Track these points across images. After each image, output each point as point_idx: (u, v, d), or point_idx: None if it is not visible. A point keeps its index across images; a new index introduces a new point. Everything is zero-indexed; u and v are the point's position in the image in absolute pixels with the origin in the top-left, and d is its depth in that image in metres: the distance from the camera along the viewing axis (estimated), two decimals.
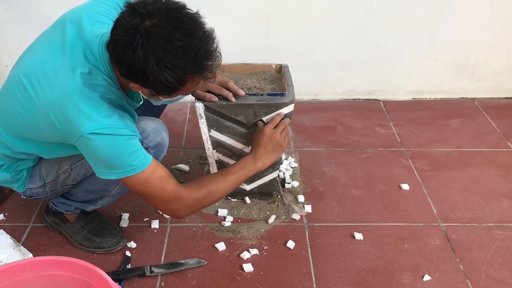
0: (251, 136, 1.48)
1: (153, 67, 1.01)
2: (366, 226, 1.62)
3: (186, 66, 1.03)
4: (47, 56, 1.16)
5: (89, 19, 1.19)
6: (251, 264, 1.46)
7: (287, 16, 2.13)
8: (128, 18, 1.01)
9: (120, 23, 1.03)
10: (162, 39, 0.99)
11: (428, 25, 2.18)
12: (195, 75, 1.07)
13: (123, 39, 1.01)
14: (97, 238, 1.49)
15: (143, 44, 0.99)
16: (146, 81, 1.05)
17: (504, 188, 1.80)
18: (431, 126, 2.18)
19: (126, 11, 1.03)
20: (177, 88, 1.07)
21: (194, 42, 1.02)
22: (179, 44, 1.00)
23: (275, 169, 1.61)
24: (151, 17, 1.00)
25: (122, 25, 1.02)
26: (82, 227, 1.50)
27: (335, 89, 2.38)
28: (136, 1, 1.04)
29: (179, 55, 1.01)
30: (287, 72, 1.58)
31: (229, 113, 1.44)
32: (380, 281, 1.42)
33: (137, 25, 1.00)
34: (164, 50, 1.00)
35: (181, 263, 1.44)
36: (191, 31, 1.02)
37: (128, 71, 1.06)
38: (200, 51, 1.03)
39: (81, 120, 1.10)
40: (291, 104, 1.44)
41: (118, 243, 1.49)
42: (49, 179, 1.35)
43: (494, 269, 1.46)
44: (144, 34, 0.99)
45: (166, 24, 1.00)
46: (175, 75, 1.02)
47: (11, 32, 2.16)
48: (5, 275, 1.13)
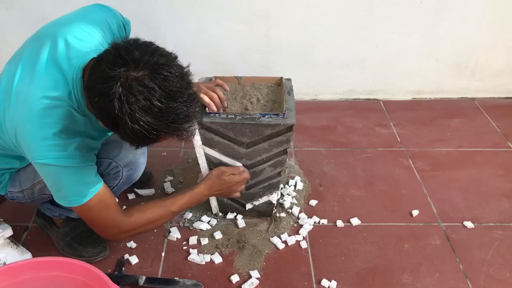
0: (248, 156, 1.44)
1: (126, 122, 0.95)
2: (366, 226, 1.62)
3: (161, 128, 0.98)
4: (22, 71, 1.14)
5: (69, 34, 1.15)
6: None
7: (287, 16, 2.13)
8: (111, 64, 0.95)
9: (101, 66, 0.96)
10: (142, 96, 0.94)
11: (428, 25, 2.18)
12: (169, 135, 1.03)
13: (101, 86, 0.95)
14: (79, 246, 1.47)
15: (121, 96, 0.93)
16: (115, 130, 1.01)
17: (504, 188, 1.79)
18: (431, 126, 2.18)
19: (110, 54, 0.97)
20: (146, 144, 1.04)
21: (175, 105, 0.97)
22: (159, 105, 0.95)
23: (273, 191, 1.57)
24: (136, 68, 0.94)
25: (102, 70, 0.95)
26: (66, 232, 1.49)
27: (335, 89, 2.37)
28: (124, 44, 0.98)
29: (157, 116, 0.96)
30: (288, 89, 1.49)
31: (230, 132, 1.40)
32: (380, 281, 1.42)
33: (119, 75, 0.94)
34: (141, 108, 0.94)
35: (177, 281, 1.40)
36: (175, 93, 0.96)
37: (99, 115, 1.02)
38: (179, 115, 0.98)
39: (34, 147, 1.10)
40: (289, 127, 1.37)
41: (99, 253, 1.47)
42: (25, 187, 1.34)
43: (494, 269, 1.46)
44: (124, 85, 0.93)
45: (150, 81, 0.94)
46: (147, 133, 0.97)
47: (11, 32, 2.16)
48: (4, 276, 1.13)
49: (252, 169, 1.48)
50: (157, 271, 1.44)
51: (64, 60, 1.11)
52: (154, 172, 1.82)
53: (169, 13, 2.10)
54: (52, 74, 1.10)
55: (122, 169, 1.31)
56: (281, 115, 1.36)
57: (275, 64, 2.25)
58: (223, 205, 1.62)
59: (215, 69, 2.23)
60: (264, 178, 1.52)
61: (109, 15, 1.27)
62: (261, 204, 1.60)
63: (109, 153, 1.29)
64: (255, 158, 1.45)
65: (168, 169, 1.87)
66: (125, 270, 1.44)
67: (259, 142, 1.41)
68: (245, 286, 1.38)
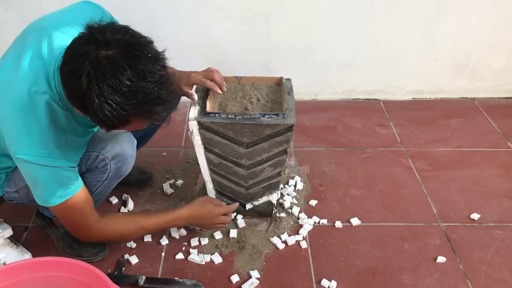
0: (248, 156, 1.44)
1: (94, 99, 0.94)
2: (366, 226, 1.62)
3: (130, 108, 0.96)
4: (7, 66, 1.14)
5: (54, 29, 1.15)
6: None
7: (287, 16, 2.13)
8: (82, 43, 0.95)
9: (73, 45, 0.97)
10: (111, 73, 0.92)
11: (428, 25, 2.18)
12: (140, 118, 1.01)
13: (71, 63, 0.95)
14: (78, 246, 1.47)
15: (89, 73, 0.93)
16: (85, 110, 0.99)
17: (504, 188, 1.80)
18: (431, 126, 2.18)
19: (84, 34, 0.97)
20: (116, 126, 1.01)
21: (144, 85, 0.95)
22: (127, 83, 0.93)
23: (273, 191, 1.57)
24: (107, 46, 0.94)
25: (74, 49, 0.96)
26: (66, 232, 1.48)
27: (335, 89, 2.37)
28: (98, 26, 0.98)
29: (125, 94, 0.94)
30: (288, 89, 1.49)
31: (230, 132, 1.39)
32: (380, 281, 1.42)
33: (89, 53, 0.93)
34: (109, 86, 0.93)
35: (177, 281, 1.40)
36: (145, 72, 0.95)
37: (69, 95, 1.00)
38: (149, 95, 0.96)
39: (17, 142, 1.10)
40: (289, 127, 1.37)
41: (99, 253, 1.47)
42: (20, 186, 1.33)
43: (494, 269, 1.46)
44: (93, 63, 0.93)
45: (120, 59, 0.93)
46: (116, 113, 0.95)
47: (11, 32, 2.15)
48: (4, 276, 1.13)
49: (252, 169, 1.48)
50: (157, 271, 1.44)
51: (46, 53, 1.11)
52: (154, 172, 1.82)
53: (169, 13, 2.10)
54: (34, 67, 1.10)
55: (110, 161, 1.31)
56: (281, 115, 1.36)
57: (275, 64, 2.25)
58: None
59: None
60: (264, 178, 1.52)
61: (96, 12, 1.27)
62: (261, 204, 1.60)
63: (96, 146, 1.29)
64: (255, 158, 1.45)
65: (168, 169, 1.87)
66: (125, 270, 1.44)
67: (259, 142, 1.41)
68: (245, 286, 1.38)
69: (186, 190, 1.77)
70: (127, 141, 1.33)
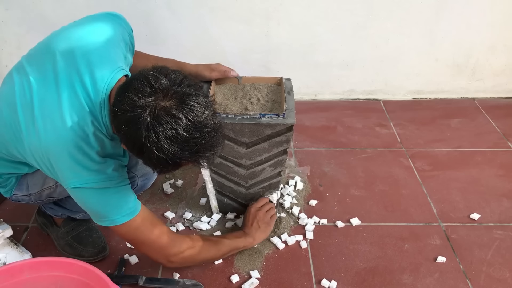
0: (248, 156, 1.44)
1: (152, 150, 0.96)
2: (366, 226, 1.62)
3: (184, 156, 0.99)
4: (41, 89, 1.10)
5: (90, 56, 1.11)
6: None
7: (287, 16, 2.13)
8: (140, 92, 0.96)
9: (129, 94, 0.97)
10: (169, 125, 0.95)
11: (428, 25, 2.18)
12: (191, 162, 1.04)
13: (129, 113, 0.96)
14: (79, 245, 1.47)
15: (149, 125, 0.95)
16: (139, 156, 1.02)
17: (504, 188, 1.80)
18: (431, 126, 2.18)
19: (140, 82, 0.97)
20: (168, 171, 1.04)
21: (200, 135, 0.98)
22: (185, 135, 0.96)
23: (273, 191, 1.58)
24: (165, 97, 0.96)
25: (131, 98, 0.96)
26: (67, 232, 1.49)
27: (335, 89, 2.37)
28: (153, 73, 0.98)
29: (182, 145, 0.97)
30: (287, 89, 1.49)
31: (230, 132, 1.39)
32: (380, 281, 1.42)
33: (147, 104, 0.95)
34: (167, 137, 0.95)
35: (177, 281, 1.40)
36: (200, 124, 0.97)
37: (125, 141, 1.03)
38: (204, 145, 0.99)
39: (68, 173, 1.10)
40: (289, 127, 1.38)
41: (99, 253, 1.47)
42: (33, 191, 1.33)
43: (494, 269, 1.46)
44: (152, 114, 0.95)
45: (177, 111, 0.95)
46: (171, 161, 0.99)
47: (11, 32, 2.16)
48: (4, 276, 1.13)
49: (252, 169, 1.48)
50: (157, 271, 1.44)
51: (89, 82, 1.09)
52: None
53: (169, 13, 2.10)
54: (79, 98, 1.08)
55: (138, 178, 1.33)
56: (281, 115, 1.36)
57: (275, 64, 2.25)
58: (223, 205, 1.62)
59: None
60: (264, 178, 1.52)
61: (122, 26, 1.25)
62: None
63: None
64: (255, 158, 1.45)
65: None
66: (125, 270, 1.44)
67: (259, 142, 1.41)
68: (245, 286, 1.38)
69: (186, 190, 1.77)
70: None
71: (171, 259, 1.29)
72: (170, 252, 1.27)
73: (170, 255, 1.28)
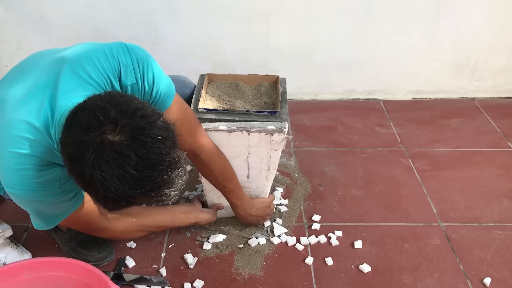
0: None
1: (98, 189, 0.86)
2: (366, 226, 1.62)
3: (136, 195, 0.89)
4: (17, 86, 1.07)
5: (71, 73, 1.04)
6: None
7: (287, 16, 2.13)
8: (84, 126, 0.86)
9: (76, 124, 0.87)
10: (116, 163, 0.84)
11: (428, 25, 2.18)
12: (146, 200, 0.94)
13: (73, 148, 0.87)
14: (84, 251, 1.45)
15: (94, 163, 0.85)
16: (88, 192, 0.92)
17: (504, 188, 1.80)
18: (431, 126, 2.18)
19: (86, 113, 0.87)
20: (119, 208, 0.93)
21: (153, 174, 0.87)
22: (134, 174, 0.85)
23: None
24: (114, 130, 0.85)
25: (75, 132, 0.87)
26: (71, 237, 1.47)
27: (335, 89, 2.37)
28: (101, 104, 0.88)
29: (131, 185, 0.86)
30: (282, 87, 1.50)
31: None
32: (380, 281, 1.42)
33: (92, 139, 0.85)
34: (115, 176, 0.85)
35: (144, 278, 1.40)
36: (153, 161, 0.86)
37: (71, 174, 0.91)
38: (158, 184, 0.89)
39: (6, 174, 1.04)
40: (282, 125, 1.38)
41: (105, 258, 1.46)
42: None
43: (494, 269, 1.46)
44: (98, 150, 0.84)
45: (127, 148, 0.85)
46: (120, 200, 0.88)
47: (11, 32, 2.16)
48: (4, 276, 1.13)
49: None
50: (157, 272, 1.44)
51: (62, 93, 1.01)
52: None
53: (169, 13, 2.10)
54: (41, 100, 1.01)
55: None
56: (273, 112, 1.36)
57: (275, 64, 2.25)
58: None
59: (215, 69, 2.23)
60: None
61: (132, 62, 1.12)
62: None
63: None
64: None
65: None
66: (124, 271, 1.44)
67: None
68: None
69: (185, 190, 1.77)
70: None
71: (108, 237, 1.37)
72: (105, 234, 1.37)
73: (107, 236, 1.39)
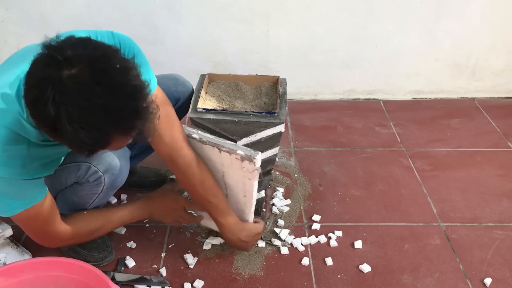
0: None
1: (66, 127, 0.83)
2: (366, 226, 1.62)
3: (106, 128, 0.86)
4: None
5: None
6: None
7: (287, 16, 2.13)
8: (42, 65, 0.85)
9: (32, 70, 0.86)
10: (79, 95, 0.82)
11: (428, 25, 2.18)
12: (121, 136, 0.91)
13: (33, 90, 0.85)
14: (83, 251, 1.45)
15: (55, 99, 0.82)
16: (59, 139, 0.90)
17: (504, 188, 1.79)
18: (431, 126, 2.18)
19: (42, 55, 0.86)
20: (97, 149, 0.91)
21: (118, 101, 0.85)
22: (99, 102, 0.83)
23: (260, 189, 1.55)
24: (70, 65, 0.83)
25: (33, 74, 0.86)
26: None
27: (335, 89, 2.37)
28: (56, 44, 0.86)
29: (98, 115, 0.84)
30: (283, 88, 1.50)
31: (216, 128, 1.39)
32: (380, 281, 1.42)
33: (50, 75, 0.83)
34: (79, 108, 0.83)
35: (144, 278, 1.40)
36: (115, 87, 0.84)
37: (39, 125, 0.89)
38: (124, 111, 0.86)
39: None
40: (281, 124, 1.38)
41: (105, 258, 1.46)
42: None
43: (494, 269, 1.46)
44: (57, 86, 0.82)
45: (86, 77, 0.83)
46: (92, 136, 0.86)
47: (11, 32, 2.16)
48: (4, 276, 1.13)
49: None
50: (157, 272, 1.44)
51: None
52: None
53: (169, 13, 2.10)
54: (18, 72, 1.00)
55: (103, 175, 1.25)
56: (272, 113, 1.36)
57: (275, 64, 2.25)
58: None
59: (215, 69, 2.23)
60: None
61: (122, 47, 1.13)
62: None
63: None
64: None
65: (168, 169, 1.87)
66: (124, 271, 1.44)
67: (249, 140, 1.41)
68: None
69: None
70: (119, 152, 1.27)
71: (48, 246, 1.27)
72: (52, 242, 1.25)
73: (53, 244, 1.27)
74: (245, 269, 1.45)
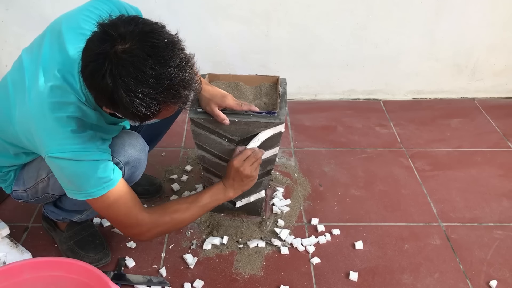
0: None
1: (123, 96, 0.94)
2: (366, 226, 1.62)
3: (158, 96, 0.95)
4: (27, 65, 1.14)
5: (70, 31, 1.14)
6: None
7: (287, 16, 2.13)
8: (97, 41, 0.95)
9: (89, 46, 0.96)
10: (133, 66, 0.92)
11: (428, 25, 2.18)
12: (170, 104, 1.00)
13: (91, 64, 0.94)
14: (81, 251, 1.46)
15: (112, 71, 0.92)
16: (115, 108, 1.00)
17: (504, 188, 1.80)
18: (431, 126, 2.18)
19: (97, 33, 0.96)
20: (149, 117, 1.01)
21: (168, 70, 0.94)
22: (151, 73, 0.93)
23: (260, 189, 1.56)
24: (123, 41, 0.93)
25: (90, 49, 0.95)
26: (70, 236, 1.48)
27: (335, 89, 2.37)
28: (109, 22, 0.97)
29: (151, 84, 0.94)
30: (282, 88, 1.50)
31: (216, 128, 1.39)
32: (380, 281, 1.42)
33: (106, 50, 0.93)
34: (134, 79, 0.93)
35: (144, 278, 1.40)
36: (165, 58, 0.95)
37: (97, 96, 1.00)
38: (174, 80, 0.95)
39: (46, 141, 1.08)
40: (281, 124, 1.38)
41: (100, 260, 1.46)
42: (28, 185, 1.32)
43: (494, 269, 1.46)
44: (113, 60, 0.92)
45: (139, 50, 0.93)
46: (146, 105, 0.95)
47: (11, 32, 2.16)
48: (4, 276, 1.13)
49: None
50: (157, 272, 1.44)
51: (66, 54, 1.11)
52: (154, 173, 1.81)
53: (169, 13, 2.10)
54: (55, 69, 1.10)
55: (124, 166, 1.27)
56: (273, 113, 1.36)
57: (275, 64, 2.25)
58: None
59: (215, 69, 2.23)
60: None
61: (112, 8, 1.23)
62: (250, 203, 1.59)
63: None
64: None
65: (168, 169, 1.87)
66: (124, 271, 1.44)
67: (249, 139, 1.40)
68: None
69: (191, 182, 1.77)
70: (140, 146, 1.31)
71: (138, 238, 1.29)
72: (136, 232, 1.25)
73: (136, 234, 1.26)
74: (245, 269, 1.45)
